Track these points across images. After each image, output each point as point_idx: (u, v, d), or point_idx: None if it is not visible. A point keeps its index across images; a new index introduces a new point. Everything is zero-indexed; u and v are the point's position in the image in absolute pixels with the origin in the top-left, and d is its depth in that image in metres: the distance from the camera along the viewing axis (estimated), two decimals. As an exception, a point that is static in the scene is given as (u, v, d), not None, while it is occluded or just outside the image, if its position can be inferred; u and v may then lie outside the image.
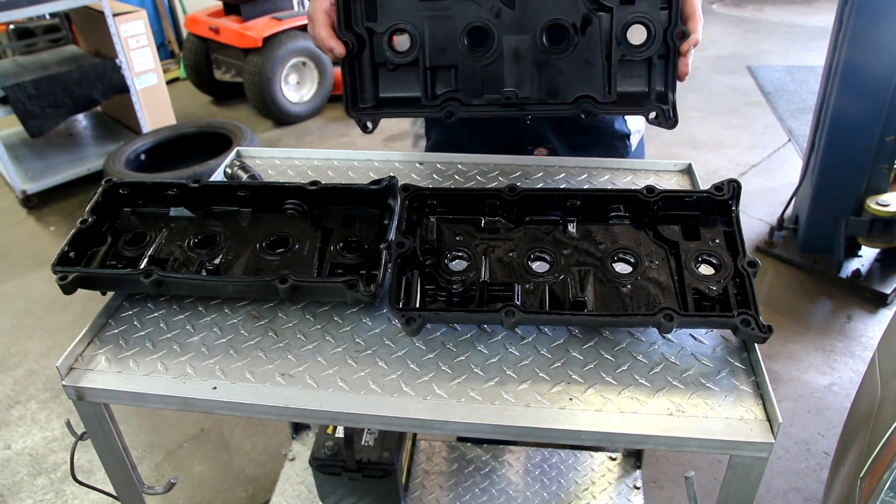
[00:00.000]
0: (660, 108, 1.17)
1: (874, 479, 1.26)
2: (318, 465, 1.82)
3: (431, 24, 1.18)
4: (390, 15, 1.18)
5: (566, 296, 1.09)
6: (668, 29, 1.13)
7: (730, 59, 5.93)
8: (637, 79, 1.19)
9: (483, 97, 1.21)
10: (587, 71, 1.18)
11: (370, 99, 1.24)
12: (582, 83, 1.19)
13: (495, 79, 1.20)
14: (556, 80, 1.20)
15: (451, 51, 1.18)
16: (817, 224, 3.25)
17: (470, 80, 1.20)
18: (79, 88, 3.99)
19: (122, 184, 1.30)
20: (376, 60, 1.21)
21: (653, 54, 1.15)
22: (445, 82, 1.21)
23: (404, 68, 1.21)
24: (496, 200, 1.19)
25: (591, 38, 1.16)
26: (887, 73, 2.79)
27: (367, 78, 1.22)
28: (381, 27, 1.19)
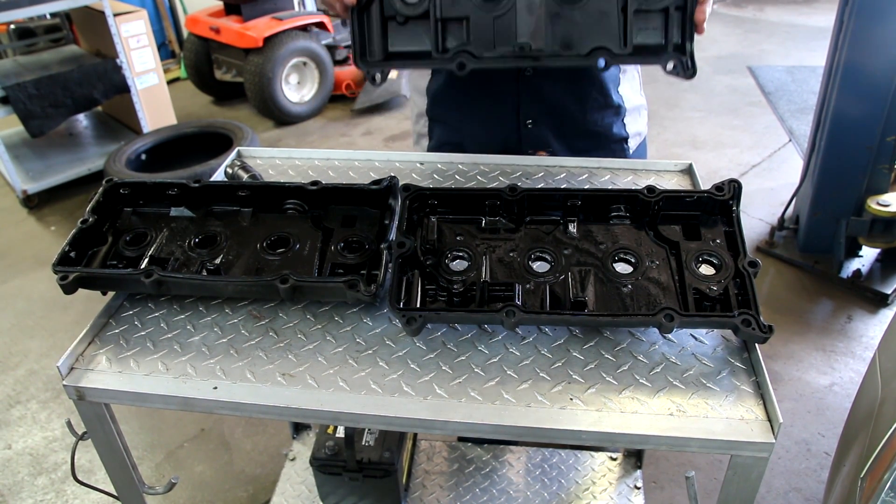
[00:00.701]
0: (678, 59, 1.15)
1: (875, 479, 1.26)
2: (319, 464, 1.82)
3: None
4: None
5: (567, 296, 1.09)
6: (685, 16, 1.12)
7: (730, 59, 5.93)
8: (653, 31, 1.15)
9: (495, 49, 1.18)
10: (602, 22, 1.15)
11: (378, 53, 1.21)
12: (597, 35, 1.16)
13: (508, 31, 1.17)
14: (570, 31, 1.17)
15: (463, 1, 1.15)
16: (818, 224, 3.25)
17: (482, 32, 1.17)
18: (79, 88, 4.00)
19: (123, 184, 1.30)
20: (385, 13, 1.18)
21: (669, 4, 1.12)
22: (456, 35, 1.19)
23: (414, 21, 1.18)
24: (497, 200, 1.19)
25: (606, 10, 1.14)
26: (888, 73, 2.79)
27: (375, 32, 1.19)
28: None
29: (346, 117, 5.25)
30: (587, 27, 1.15)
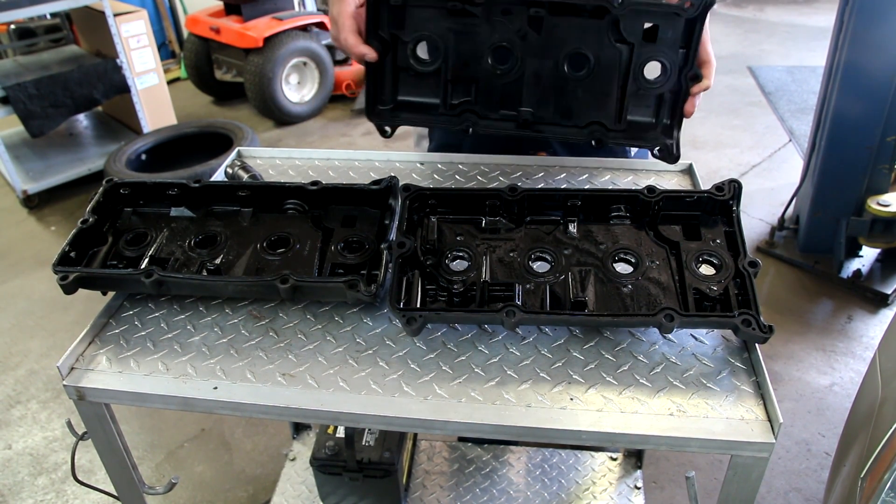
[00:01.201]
0: (664, 143, 1.21)
1: (875, 479, 1.26)
2: (319, 465, 1.82)
3: (457, 38, 1.19)
4: (417, 24, 1.19)
5: (567, 296, 1.09)
6: (683, 69, 1.16)
7: (731, 60, 5.93)
8: (646, 109, 1.22)
9: (499, 112, 1.23)
10: (601, 99, 1.21)
11: (388, 100, 1.25)
12: (595, 110, 1.22)
13: (513, 96, 1.22)
14: (571, 104, 1.22)
15: (474, 66, 1.20)
16: (818, 224, 3.25)
17: (488, 94, 1.22)
18: (80, 88, 4.00)
19: (123, 184, 1.30)
20: (399, 64, 1.22)
21: (664, 91, 1.19)
22: (464, 94, 1.23)
23: (426, 75, 1.22)
24: (497, 200, 1.19)
25: (610, 68, 1.19)
26: (888, 73, 2.79)
27: (387, 80, 1.23)
28: (406, 35, 1.20)
29: (347, 117, 5.25)
30: (587, 102, 1.21)
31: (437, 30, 1.19)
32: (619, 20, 1.15)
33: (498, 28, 1.18)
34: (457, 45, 1.19)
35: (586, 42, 1.18)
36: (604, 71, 1.19)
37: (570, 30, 1.17)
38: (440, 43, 1.19)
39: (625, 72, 1.18)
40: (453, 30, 1.19)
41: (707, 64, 1.18)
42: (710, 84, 1.17)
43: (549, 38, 1.18)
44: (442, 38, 1.19)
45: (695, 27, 1.14)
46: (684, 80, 1.16)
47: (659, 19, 1.15)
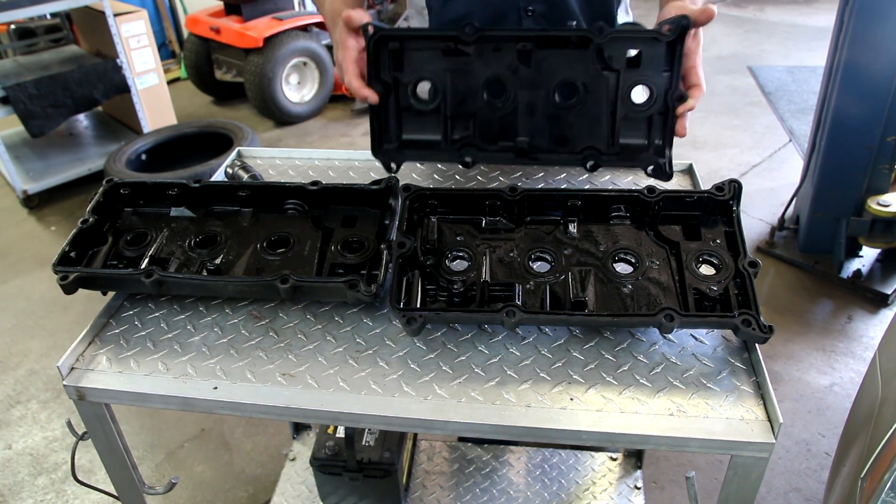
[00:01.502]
0: (657, 163, 1.24)
1: (875, 479, 1.26)
2: (319, 465, 1.82)
3: (453, 77, 1.25)
4: (415, 67, 1.25)
5: (567, 296, 1.09)
6: (668, 91, 1.20)
7: (731, 59, 5.93)
8: (638, 132, 1.25)
9: (497, 144, 1.29)
10: (593, 124, 1.25)
11: (394, 139, 1.31)
12: (588, 135, 1.26)
13: (510, 128, 1.27)
14: (565, 131, 1.27)
15: (471, 101, 1.26)
16: (818, 224, 3.25)
17: (486, 128, 1.28)
18: (80, 88, 4.00)
19: (123, 184, 1.30)
20: (401, 105, 1.28)
21: (653, 113, 1.22)
22: (464, 129, 1.29)
23: (427, 114, 1.28)
24: (497, 201, 1.19)
25: (599, 95, 1.23)
26: (888, 73, 2.79)
27: (392, 121, 1.29)
28: (406, 77, 1.25)
29: (347, 117, 5.25)
30: (580, 128, 1.26)
31: (435, 70, 1.25)
32: (603, 49, 1.20)
33: (490, 64, 1.24)
34: (454, 84, 1.25)
35: (574, 71, 1.23)
36: (593, 98, 1.24)
37: (558, 61, 1.23)
38: (438, 82, 1.25)
39: (613, 97, 1.23)
40: (449, 69, 1.24)
41: (696, 87, 1.22)
42: (695, 105, 1.21)
43: (540, 70, 1.24)
44: (439, 77, 1.25)
45: (675, 50, 1.18)
46: (671, 101, 1.20)
47: (640, 45, 1.20)
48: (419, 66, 1.25)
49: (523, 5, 1.42)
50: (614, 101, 1.22)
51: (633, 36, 1.20)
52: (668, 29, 1.16)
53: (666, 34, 1.16)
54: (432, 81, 1.25)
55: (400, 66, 1.25)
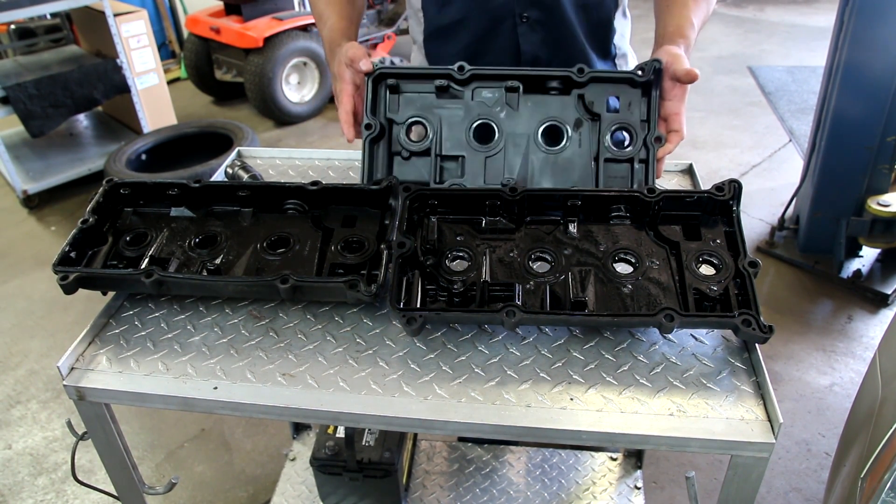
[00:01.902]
0: None
1: (875, 479, 1.26)
2: (319, 465, 1.82)
3: (445, 119, 1.33)
4: (410, 108, 1.34)
5: (567, 296, 1.09)
6: (647, 136, 1.27)
7: (731, 60, 5.94)
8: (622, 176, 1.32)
9: (485, 184, 1.33)
10: (578, 165, 1.32)
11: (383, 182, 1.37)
12: (573, 176, 1.32)
13: (497, 168, 1.33)
14: (551, 172, 1.33)
15: (460, 142, 1.33)
16: (818, 224, 3.25)
17: (474, 168, 1.33)
18: (80, 88, 4.00)
19: (123, 184, 1.30)
20: (392, 150, 1.35)
21: (634, 155, 1.29)
22: (452, 170, 1.35)
23: (417, 156, 1.34)
24: (497, 200, 1.19)
25: (582, 138, 1.31)
26: (888, 73, 2.79)
27: (382, 163, 1.35)
28: (400, 118, 1.33)
29: (347, 117, 5.24)
30: (565, 171, 1.32)
31: (428, 112, 1.33)
32: (584, 95, 1.30)
33: (480, 108, 1.33)
34: (445, 125, 1.33)
35: (559, 115, 1.32)
36: (577, 140, 1.31)
37: (543, 105, 1.32)
38: (430, 124, 1.33)
39: (596, 141, 1.30)
40: (442, 112, 1.33)
41: (676, 133, 1.27)
42: (672, 149, 1.26)
43: (526, 113, 1.32)
44: (432, 120, 1.33)
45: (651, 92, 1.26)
46: (650, 143, 1.26)
47: (617, 86, 1.29)
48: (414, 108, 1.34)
49: (519, 11, 1.42)
50: (597, 144, 1.30)
51: (611, 77, 1.30)
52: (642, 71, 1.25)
53: (641, 76, 1.25)
54: (425, 123, 1.33)
55: (396, 106, 1.34)
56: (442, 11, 1.47)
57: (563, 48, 1.46)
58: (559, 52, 1.46)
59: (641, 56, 1.55)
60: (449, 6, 1.45)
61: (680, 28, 1.31)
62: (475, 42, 1.47)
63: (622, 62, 1.57)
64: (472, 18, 1.44)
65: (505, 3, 1.41)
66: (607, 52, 1.53)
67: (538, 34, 1.44)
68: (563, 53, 1.46)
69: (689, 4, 1.33)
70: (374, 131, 1.31)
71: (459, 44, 1.48)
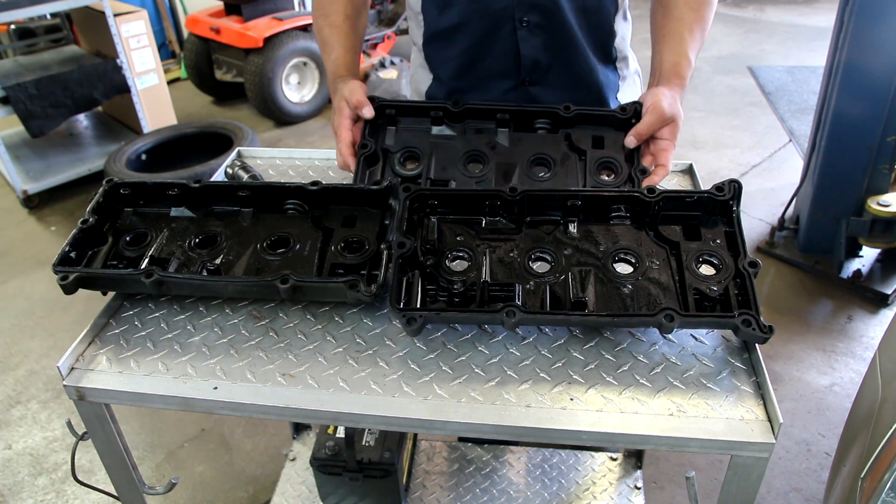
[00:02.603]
0: None
1: (875, 479, 1.26)
2: (319, 465, 1.82)
3: (437, 150, 1.39)
4: (404, 139, 1.41)
5: (567, 296, 1.09)
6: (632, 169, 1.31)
7: (731, 60, 5.94)
8: None
9: None
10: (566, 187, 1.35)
11: None
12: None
13: None
14: None
15: (451, 170, 1.37)
16: (818, 224, 3.25)
17: None
18: (80, 88, 4.00)
19: (123, 184, 1.30)
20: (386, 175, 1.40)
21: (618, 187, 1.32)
22: None
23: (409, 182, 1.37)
24: (497, 201, 1.19)
25: (569, 172, 1.36)
26: (888, 73, 2.79)
27: None
28: (395, 148, 1.40)
29: (347, 117, 5.24)
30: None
31: (421, 143, 1.40)
32: (570, 134, 1.36)
33: (471, 139, 1.39)
34: (437, 155, 1.38)
35: (546, 149, 1.37)
36: (563, 174, 1.35)
37: (532, 142, 1.38)
38: (422, 154, 1.38)
39: (583, 174, 1.34)
40: (434, 143, 1.39)
41: (662, 167, 1.29)
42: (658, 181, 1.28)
43: (515, 146, 1.38)
44: (424, 150, 1.39)
45: None
46: (635, 175, 1.30)
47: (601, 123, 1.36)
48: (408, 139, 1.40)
49: (518, 15, 1.41)
50: (584, 177, 1.34)
51: (595, 113, 1.37)
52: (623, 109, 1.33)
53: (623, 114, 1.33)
54: (418, 154, 1.38)
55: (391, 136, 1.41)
56: (441, 15, 1.46)
57: (563, 52, 1.45)
58: (559, 56, 1.46)
59: (642, 57, 1.55)
60: (449, 10, 1.45)
61: (677, 66, 1.34)
62: (475, 45, 1.47)
63: (622, 65, 1.56)
64: (471, 22, 1.44)
65: (505, 7, 1.41)
66: (608, 56, 1.52)
67: (538, 38, 1.44)
68: (563, 57, 1.46)
69: (686, 38, 1.35)
70: (369, 150, 1.36)
71: (459, 47, 1.48)
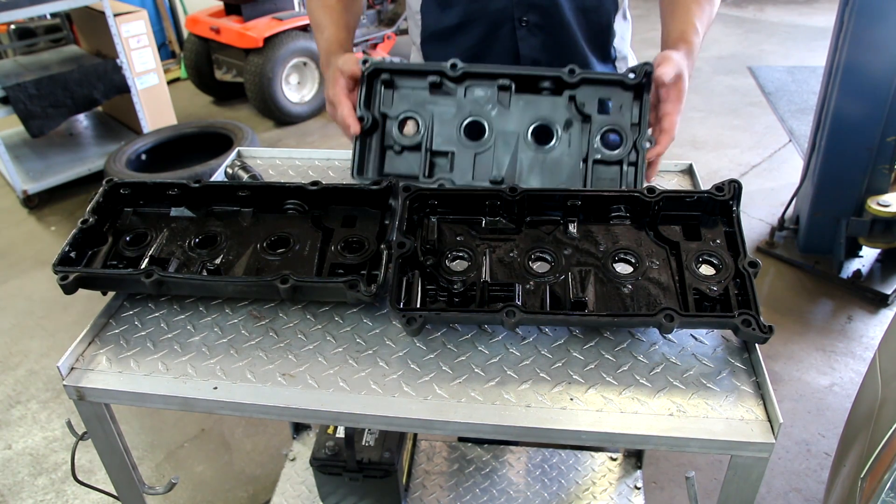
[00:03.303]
0: None
1: (875, 479, 1.26)
2: (319, 465, 1.82)
3: (437, 115, 1.34)
4: (403, 103, 1.35)
5: (567, 296, 1.09)
6: (636, 139, 1.26)
7: (731, 60, 5.94)
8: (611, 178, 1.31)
9: (474, 180, 1.34)
10: (568, 166, 1.32)
11: (374, 173, 1.38)
12: (562, 176, 1.32)
13: (486, 166, 1.34)
14: (539, 171, 1.33)
15: (451, 139, 1.33)
16: (818, 224, 3.25)
17: (464, 164, 1.35)
18: (80, 88, 4.00)
19: (123, 184, 1.30)
20: (385, 143, 1.36)
21: (623, 157, 1.28)
22: (442, 165, 1.36)
23: (408, 151, 1.36)
24: (497, 200, 1.19)
25: (573, 139, 1.31)
26: (888, 73, 2.79)
27: (374, 156, 1.37)
28: (393, 113, 1.35)
29: (347, 117, 5.24)
30: (554, 171, 1.33)
31: (420, 108, 1.34)
32: (575, 96, 1.29)
33: (472, 105, 1.33)
34: (437, 121, 1.34)
35: (549, 114, 1.31)
36: (567, 141, 1.31)
37: (534, 105, 1.32)
38: (422, 119, 1.34)
39: (586, 142, 1.30)
40: (434, 107, 1.34)
41: (666, 134, 1.26)
42: (663, 150, 1.25)
43: (517, 112, 1.32)
44: (424, 115, 1.34)
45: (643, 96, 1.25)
46: (639, 145, 1.26)
47: (608, 88, 1.29)
48: (407, 103, 1.35)
49: (518, 15, 1.42)
50: (587, 144, 1.30)
51: (601, 78, 1.30)
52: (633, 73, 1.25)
53: (632, 78, 1.25)
54: (417, 118, 1.34)
55: (390, 101, 1.35)
56: (442, 15, 1.47)
57: (562, 52, 1.46)
58: (558, 56, 1.46)
59: (642, 57, 1.55)
60: (448, 10, 1.45)
61: (684, 34, 1.31)
62: (474, 46, 1.47)
63: (622, 65, 1.57)
64: (471, 22, 1.44)
65: (504, 7, 1.41)
66: (607, 56, 1.53)
67: (537, 38, 1.44)
68: (563, 57, 1.46)
69: (693, 9, 1.33)
70: (366, 123, 1.32)
71: (458, 47, 1.48)
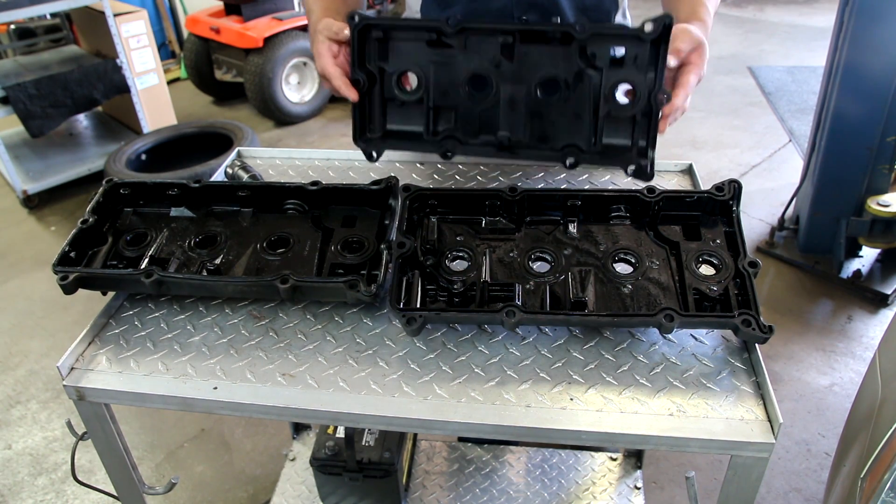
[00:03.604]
0: (638, 164, 1.22)
1: (875, 479, 1.26)
2: (319, 465, 1.82)
3: (437, 69, 1.25)
4: (400, 57, 1.25)
5: (567, 296, 1.09)
6: (652, 91, 1.16)
7: (731, 60, 5.93)
8: (621, 131, 1.23)
9: (479, 138, 1.28)
10: (576, 122, 1.24)
11: (378, 129, 1.31)
12: (570, 133, 1.25)
13: (491, 122, 1.27)
14: (546, 127, 1.26)
15: (453, 94, 1.25)
16: (818, 224, 3.25)
17: (468, 121, 1.27)
18: (79, 88, 3.99)
19: (123, 184, 1.30)
20: (386, 95, 1.28)
21: (637, 112, 1.19)
22: (446, 121, 1.29)
23: (411, 104, 1.28)
24: (497, 201, 1.20)
25: (582, 92, 1.21)
26: (888, 73, 2.79)
27: (376, 110, 1.29)
28: (391, 67, 1.26)
29: (347, 117, 5.20)
30: (562, 125, 1.25)
31: (419, 61, 1.24)
32: (586, 46, 1.18)
33: (474, 58, 1.23)
34: (437, 75, 1.25)
35: (557, 68, 1.21)
36: (576, 95, 1.22)
37: (541, 56, 1.21)
38: (422, 73, 1.25)
39: (597, 96, 1.20)
40: (434, 61, 1.24)
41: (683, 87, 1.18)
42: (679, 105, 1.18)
43: (522, 65, 1.22)
44: (423, 69, 1.24)
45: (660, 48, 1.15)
46: (654, 100, 1.17)
47: (622, 43, 1.17)
48: (404, 57, 1.25)
49: (518, 15, 1.41)
50: (597, 99, 1.20)
51: (615, 33, 1.19)
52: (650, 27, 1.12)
53: (648, 33, 1.12)
54: (416, 73, 1.25)
55: (385, 55, 1.24)
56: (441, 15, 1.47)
57: None
58: None
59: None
60: (448, 10, 1.45)
61: (695, 12, 1.24)
62: None
63: None
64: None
65: (504, 6, 1.41)
66: None
67: None
68: None
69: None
70: (363, 86, 1.24)
71: None
